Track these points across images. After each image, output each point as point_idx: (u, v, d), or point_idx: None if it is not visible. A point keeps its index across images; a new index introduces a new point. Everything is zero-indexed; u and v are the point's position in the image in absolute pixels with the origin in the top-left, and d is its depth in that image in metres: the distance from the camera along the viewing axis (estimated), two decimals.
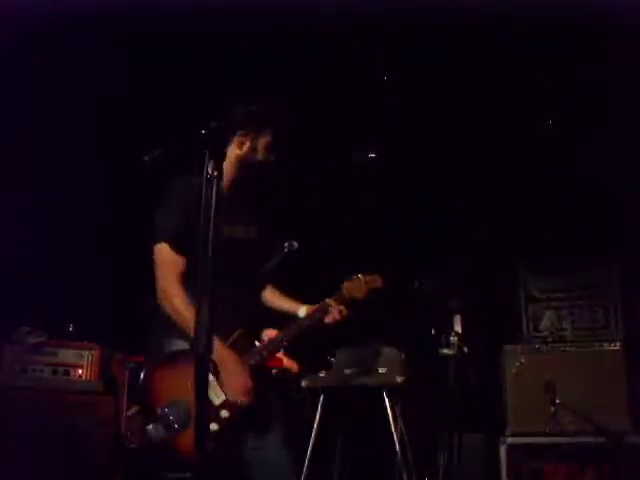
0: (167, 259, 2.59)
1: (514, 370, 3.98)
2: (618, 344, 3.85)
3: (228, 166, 2.65)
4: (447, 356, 4.33)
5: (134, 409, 3.40)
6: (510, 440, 3.79)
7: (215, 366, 2.45)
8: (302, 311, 2.88)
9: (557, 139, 4.49)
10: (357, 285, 2.94)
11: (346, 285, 2.92)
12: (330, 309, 2.83)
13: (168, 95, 4.32)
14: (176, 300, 2.53)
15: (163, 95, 4.32)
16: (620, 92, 4.17)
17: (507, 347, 4.05)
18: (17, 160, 4.02)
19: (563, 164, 4.47)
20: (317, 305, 2.87)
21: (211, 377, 2.40)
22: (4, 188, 3.94)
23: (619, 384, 3.78)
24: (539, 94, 4.42)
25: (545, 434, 3.78)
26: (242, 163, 2.71)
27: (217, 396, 2.48)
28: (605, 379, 3.81)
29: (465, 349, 4.31)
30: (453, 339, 4.26)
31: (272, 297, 3.00)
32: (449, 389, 4.21)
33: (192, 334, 2.03)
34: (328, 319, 2.84)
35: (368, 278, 2.98)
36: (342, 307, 2.87)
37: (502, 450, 3.78)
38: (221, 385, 2.49)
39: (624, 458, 3.62)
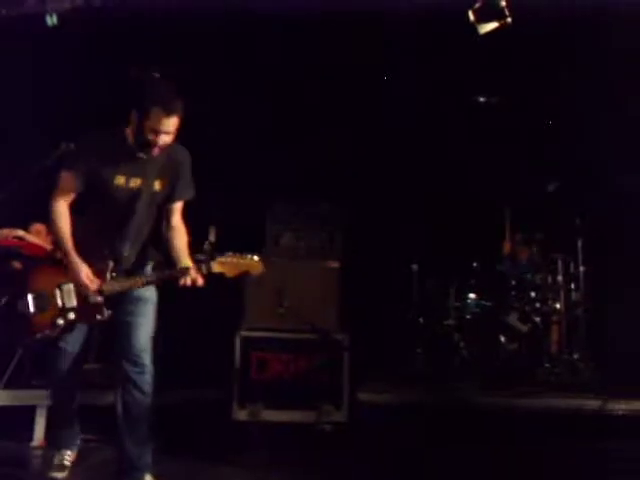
0: (66, 186, 3.14)
1: (254, 277, 4.73)
2: (337, 263, 4.80)
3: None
4: (200, 260, 4.99)
5: None
6: (244, 334, 4.60)
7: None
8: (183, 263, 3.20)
9: None
10: (230, 266, 3.20)
11: (218, 262, 3.20)
12: (187, 277, 3.13)
13: None
14: (56, 216, 3.13)
15: None
16: None
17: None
18: None
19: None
20: (181, 267, 3.17)
21: (72, 285, 3.11)
22: None
23: (333, 293, 4.75)
24: None
25: (272, 329, 4.64)
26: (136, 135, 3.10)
27: (70, 300, 3.13)
28: (324, 288, 4.74)
29: (216, 256, 5.00)
30: (207, 247, 4.92)
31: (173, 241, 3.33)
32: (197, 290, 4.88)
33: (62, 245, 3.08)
34: (181, 282, 3.13)
35: (247, 262, 3.24)
36: (200, 279, 3.16)
37: (237, 342, 4.58)
38: (77, 294, 3.12)
39: (330, 350, 4.61)
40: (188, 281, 3.14)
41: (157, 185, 3.23)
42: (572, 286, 5.30)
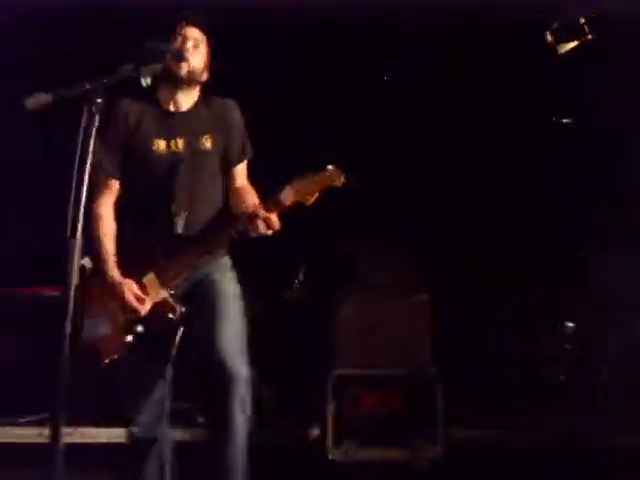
0: (101, 187, 2.76)
1: (345, 312, 4.76)
2: (426, 296, 4.76)
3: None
4: (290, 299, 5.08)
5: None
6: (336, 372, 4.53)
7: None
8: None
9: None
10: (305, 189, 2.49)
11: (288, 191, 2.51)
12: (258, 220, 2.51)
13: None
14: (95, 218, 2.69)
15: None
16: None
17: (341, 293, 4.83)
18: None
19: None
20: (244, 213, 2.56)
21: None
22: None
23: (424, 327, 4.70)
24: None
25: (365, 366, 4.60)
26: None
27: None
28: (415, 322, 4.70)
29: (304, 294, 5.09)
30: (296, 286, 5.01)
31: (239, 202, 2.79)
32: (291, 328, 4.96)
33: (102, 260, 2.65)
34: (254, 231, 2.52)
35: (323, 176, 2.52)
36: (273, 217, 2.51)
37: (330, 379, 4.57)
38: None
39: (425, 384, 4.55)
40: (261, 226, 2.51)
41: (208, 143, 2.75)
42: None
